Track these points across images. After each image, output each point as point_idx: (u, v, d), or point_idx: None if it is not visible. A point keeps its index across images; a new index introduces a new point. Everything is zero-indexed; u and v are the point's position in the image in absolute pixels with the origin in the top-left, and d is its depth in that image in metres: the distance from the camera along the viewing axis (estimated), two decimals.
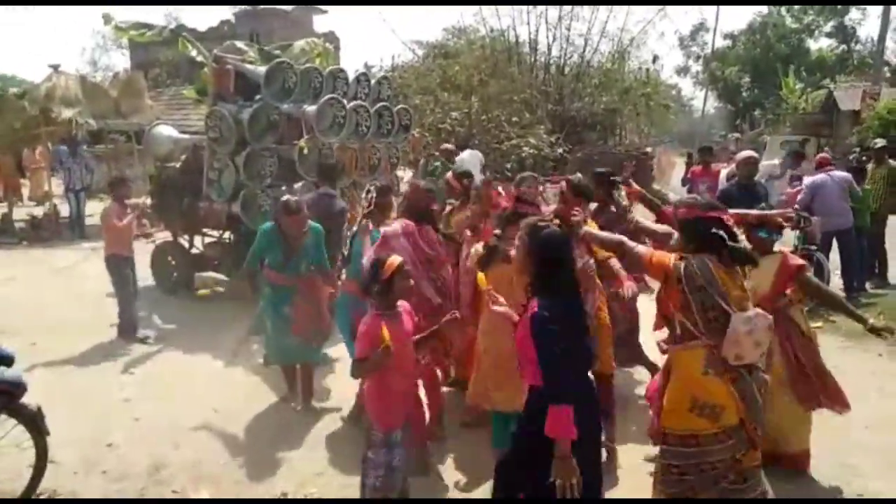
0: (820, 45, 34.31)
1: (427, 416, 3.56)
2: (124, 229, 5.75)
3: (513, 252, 2.87)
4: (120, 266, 5.79)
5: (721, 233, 2.69)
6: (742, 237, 2.90)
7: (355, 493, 3.37)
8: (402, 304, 3.00)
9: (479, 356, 3.61)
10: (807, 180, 7.17)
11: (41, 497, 3.35)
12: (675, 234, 3.06)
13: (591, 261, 3.65)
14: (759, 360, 2.70)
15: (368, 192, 4.24)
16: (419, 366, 3.34)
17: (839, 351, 5.72)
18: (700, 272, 2.62)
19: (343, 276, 4.42)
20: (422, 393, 3.55)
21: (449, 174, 8.24)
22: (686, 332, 2.69)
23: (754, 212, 3.80)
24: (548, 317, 2.43)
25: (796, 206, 7.18)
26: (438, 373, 4.10)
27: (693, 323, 2.65)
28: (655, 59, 18.58)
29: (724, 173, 7.55)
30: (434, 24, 37.80)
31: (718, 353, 2.62)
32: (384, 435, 2.87)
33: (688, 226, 2.82)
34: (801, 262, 3.59)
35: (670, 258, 2.77)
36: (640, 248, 3.00)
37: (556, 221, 2.69)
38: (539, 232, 2.59)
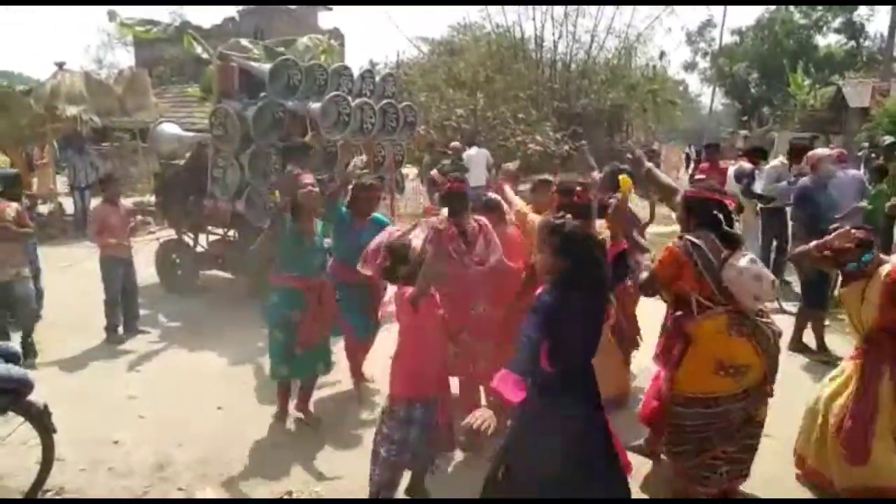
0: (829, 40, 34.01)
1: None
2: (116, 232, 5.62)
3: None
4: (111, 267, 5.70)
5: (719, 215, 2.95)
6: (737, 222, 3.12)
7: (362, 493, 3.37)
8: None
9: None
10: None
11: (47, 493, 3.36)
12: (681, 192, 3.29)
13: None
14: (772, 298, 2.92)
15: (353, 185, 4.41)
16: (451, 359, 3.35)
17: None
18: (704, 245, 2.88)
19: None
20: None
21: (434, 171, 8.23)
22: (703, 306, 2.91)
23: (813, 244, 3.27)
24: (545, 302, 2.38)
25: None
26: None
27: (709, 295, 2.87)
28: (662, 55, 18.52)
29: (731, 171, 7.47)
30: (439, 20, 37.81)
31: (737, 315, 2.85)
32: (405, 409, 2.91)
33: (692, 204, 3.07)
34: None
35: (670, 248, 2.99)
36: (644, 273, 3.17)
37: (568, 216, 2.61)
38: (560, 229, 2.49)
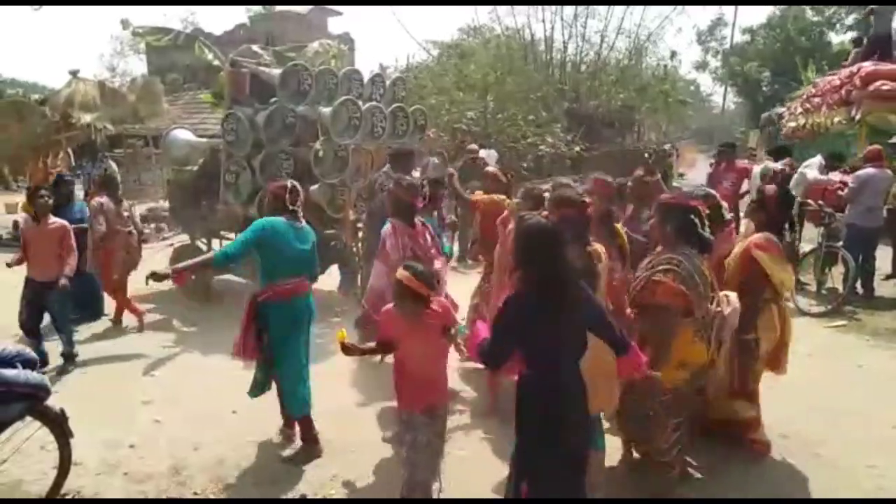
0: (842, 38, 33.53)
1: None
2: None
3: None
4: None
5: (695, 220, 3.11)
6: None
7: (375, 496, 3.37)
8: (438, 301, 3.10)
9: None
10: (858, 172, 6.82)
11: (65, 497, 3.39)
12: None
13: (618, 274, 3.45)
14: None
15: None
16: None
17: (865, 349, 5.62)
18: (693, 269, 3.03)
19: None
20: None
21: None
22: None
23: None
24: (511, 302, 2.49)
25: (820, 201, 7.00)
26: None
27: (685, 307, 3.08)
28: (673, 55, 18.41)
29: (757, 169, 7.31)
30: (449, 23, 38.26)
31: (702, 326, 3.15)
32: (406, 414, 3.01)
33: (668, 209, 3.23)
34: None
35: (669, 285, 3.05)
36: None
37: (545, 213, 2.83)
38: (523, 223, 2.63)
